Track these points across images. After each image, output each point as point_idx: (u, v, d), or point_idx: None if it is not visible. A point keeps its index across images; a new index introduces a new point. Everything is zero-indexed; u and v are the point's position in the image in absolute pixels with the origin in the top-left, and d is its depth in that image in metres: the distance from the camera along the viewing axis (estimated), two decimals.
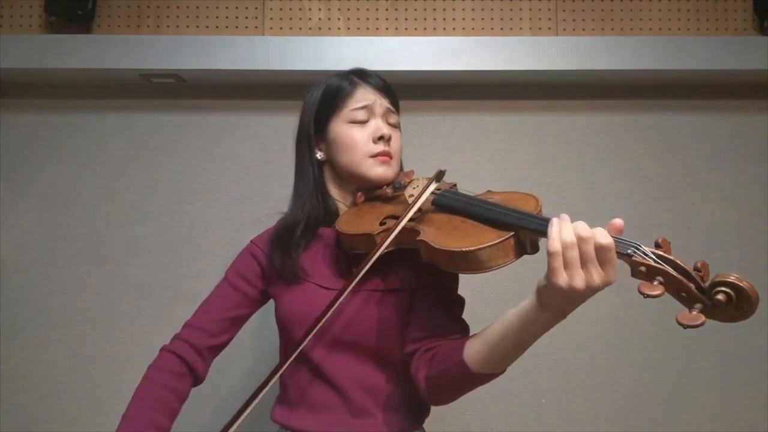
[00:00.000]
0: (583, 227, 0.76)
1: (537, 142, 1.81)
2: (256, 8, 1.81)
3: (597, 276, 0.75)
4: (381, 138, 1.07)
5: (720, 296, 0.69)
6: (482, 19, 1.82)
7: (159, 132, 1.81)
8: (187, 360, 1.09)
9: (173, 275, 1.76)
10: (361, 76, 1.12)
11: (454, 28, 1.82)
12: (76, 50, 1.66)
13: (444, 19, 1.82)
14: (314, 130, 1.13)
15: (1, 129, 1.80)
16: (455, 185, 1.08)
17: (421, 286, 1.03)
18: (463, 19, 1.82)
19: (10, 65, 1.66)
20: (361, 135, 1.08)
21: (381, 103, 1.10)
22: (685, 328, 0.70)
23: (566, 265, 0.75)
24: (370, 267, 0.97)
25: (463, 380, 0.89)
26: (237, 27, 1.81)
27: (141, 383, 1.07)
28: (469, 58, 1.67)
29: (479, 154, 1.79)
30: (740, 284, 0.69)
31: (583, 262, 0.75)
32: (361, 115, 1.08)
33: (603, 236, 0.75)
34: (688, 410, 1.74)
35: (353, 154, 1.08)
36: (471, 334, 0.96)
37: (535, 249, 0.86)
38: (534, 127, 1.81)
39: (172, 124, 1.81)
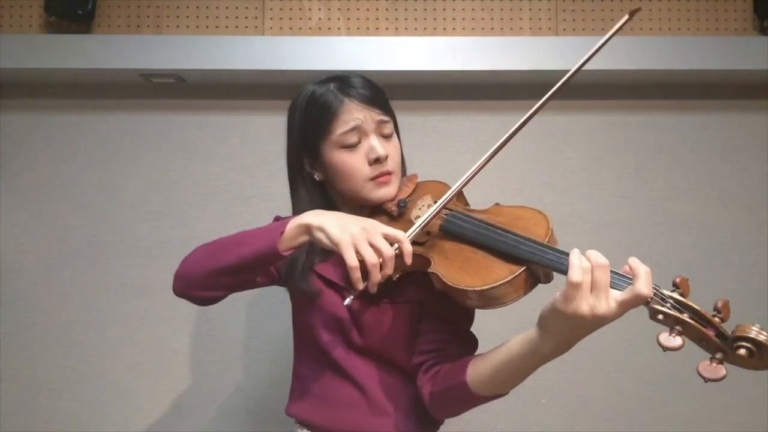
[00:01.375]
0: (598, 255, 0.76)
1: (537, 142, 1.81)
2: (256, 8, 1.81)
3: (605, 305, 0.75)
4: (377, 160, 1.02)
5: (741, 351, 0.69)
6: (482, 19, 1.82)
7: (159, 132, 1.80)
8: None
9: (173, 275, 1.76)
10: (344, 88, 1.03)
11: (454, 28, 1.81)
12: (76, 50, 1.66)
13: (444, 19, 1.82)
14: (306, 152, 1.08)
15: (1, 129, 1.80)
16: (461, 192, 1.06)
17: (431, 297, 1.00)
18: (463, 19, 1.82)
19: (10, 65, 1.65)
20: (355, 160, 1.02)
21: (371, 118, 1.03)
22: (706, 381, 0.70)
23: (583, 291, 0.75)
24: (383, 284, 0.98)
25: (464, 400, 0.91)
26: (237, 27, 1.80)
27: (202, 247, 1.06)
28: (469, 58, 1.67)
29: (479, 154, 1.79)
30: (761, 340, 0.68)
31: (594, 289, 0.75)
32: (352, 137, 1.02)
33: (645, 285, 0.74)
34: (688, 410, 1.74)
35: (351, 182, 1.04)
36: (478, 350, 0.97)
37: (548, 279, 0.86)
38: (534, 127, 1.80)
39: (172, 124, 1.80)
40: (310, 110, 1.05)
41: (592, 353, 1.74)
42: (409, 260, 0.88)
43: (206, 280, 1.03)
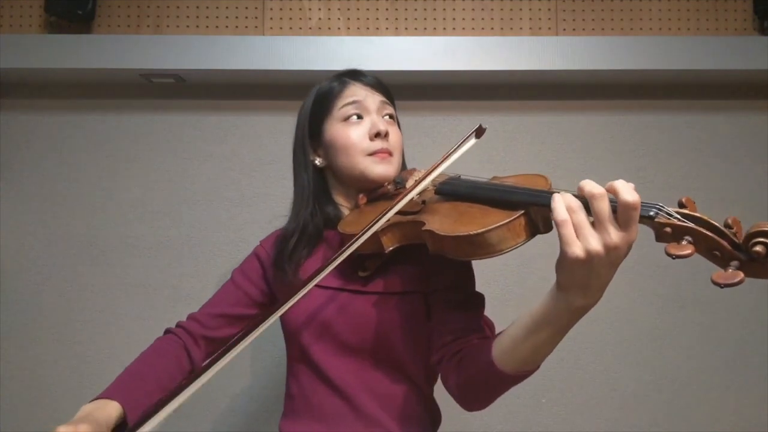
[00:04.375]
0: (593, 185, 0.69)
1: (537, 142, 1.81)
2: (256, 8, 1.81)
3: (614, 234, 0.68)
4: (378, 135, 1.03)
5: (759, 248, 0.61)
6: (482, 19, 1.82)
7: (159, 132, 1.80)
8: (184, 341, 1.09)
9: (173, 275, 1.76)
10: (351, 74, 1.10)
11: (454, 28, 1.82)
12: (76, 50, 1.66)
13: (444, 19, 1.82)
14: (310, 137, 1.10)
15: (1, 129, 1.80)
16: (459, 177, 1.06)
17: (435, 289, 0.98)
18: (463, 19, 1.82)
19: (10, 65, 1.65)
20: (356, 133, 1.04)
21: (373, 98, 1.07)
22: (722, 287, 0.62)
23: (577, 230, 0.68)
24: (377, 269, 0.96)
25: (495, 382, 0.83)
26: (237, 27, 1.80)
27: (147, 350, 1.08)
28: (469, 58, 1.67)
29: (479, 154, 1.79)
30: None
31: (597, 222, 0.68)
32: (353, 110, 1.05)
33: (628, 192, 0.67)
34: (688, 410, 1.74)
35: (350, 154, 1.04)
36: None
37: (548, 228, 0.79)
38: (534, 127, 1.81)
39: (172, 124, 1.81)
40: (317, 98, 1.10)
41: (592, 353, 1.74)
42: None
43: None
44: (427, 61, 1.67)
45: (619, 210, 0.67)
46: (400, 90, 1.16)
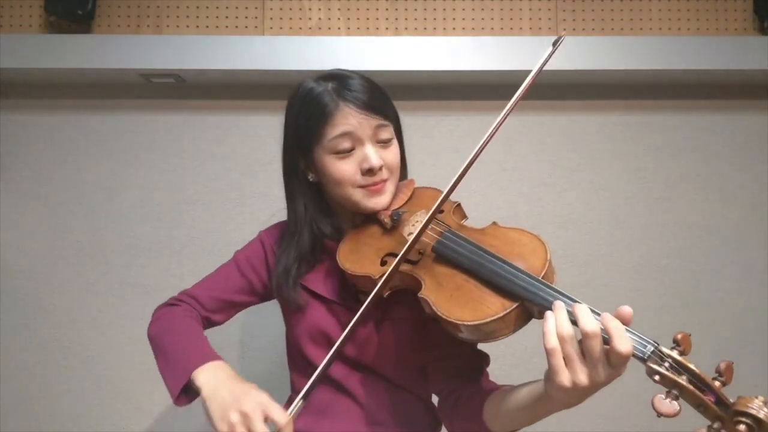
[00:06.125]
0: (588, 320, 0.69)
1: (537, 142, 1.81)
2: (256, 8, 1.81)
3: (603, 372, 0.69)
4: (370, 170, 0.98)
5: (741, 427, 0.65)
6: (482, 19, 1.82)
7: (159, 132, 1.80)
8: (200, 315, 1.09)
9: (173, 275, 1.76)
10: (341, 91, 0.98)
11: (454, 28, 1.81)
12: (76, 50, 1.66)
13: (444, 19, 1.82)
14: (300, 153, 1.05)
15: (1, 129, 1.80)
16: (459, 204, 1.04)
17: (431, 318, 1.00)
18: (463, 19, 1.82)
19: (10, 65, 1.65)
20: (347, 168, 0.98)
21: (366, 124, 0.98)
22: (659, 416, 0.67)
23: (567, 362, 0.69)
24: (378, 297, 0.97)
25: None
26: (237, 27, 1.80)
27: (161, 317, 1.07)
28: (469, 58, 1.67)
29: (479, 154, 1.79)
30: (761, 417, 0.63)
31: (587, 357, 0.69)
32: (344, 143, 0.97)
33: (621, 340, 0.68)
34: (688, 410, 1.74)
35: (342, 187, 1.00)
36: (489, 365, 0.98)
37: (543, 315, 0.80)
38: (534, 127, 1.81)
39: (172, 124, 1.80)
40: (306, 109, 1.01)
41: None
42: None
43: None
44: (427, 61, 1.66)
45: (611, 355, 0.68)
46: (400, 90, 1.15)
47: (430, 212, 0.91)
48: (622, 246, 1.78)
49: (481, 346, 1.00)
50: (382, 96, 1.03)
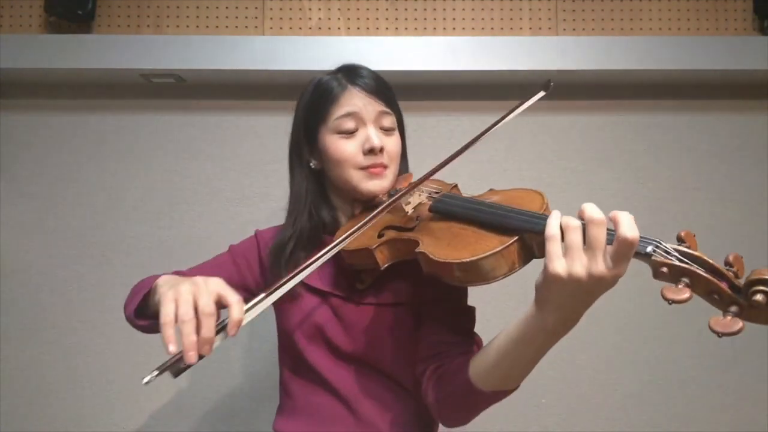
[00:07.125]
0: (594, 209, 0.67)
1: (537, 142, 1.81)
2: (256, 8, 1.81)
3: (602, 265, 0.65)
4: (371, 150, 1.00)
5: (758, 297, 0.60)
6: (482, 19, 1.82)
7: (159, 132, 1.80)
8: None
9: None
10: (350, 76, 1.03)
11: (454, 28, 1.81)
12: (76, 50, 1.66)
13: (444, 19, 1.82)
14: (306, 139, 1.07)
15: (1, 129, 1.80)
16: (456, 186, 1.06)
17: (426, 300, 0.98)
18: (463, 19, 1.82)
19: (10, 65, 1.65)
20: (349, 148, 1.01)
21: (371, 108, 1.01)
22: (720, 336, 0.61)
23: (567, 250, 0.67)
24: (372, 282, 0.96)
25: (472, 400, 0.84)
26: (237, 27, 1.80)
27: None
28: (469, 58, 1.67)
29: (479, 154, 1.79)
30: None
31: (589, 248, 0.66)
32: (348, 123, 1.00)
33: (629, 226, 0.64)
34: (688, 410, 1.74)
35: (343, 168, 1.01)
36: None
37: (543, 252, 0.76)
38: (534, 127, 1.81)
39: (172, 124, 1.81)
40: (314, 97, 1.06)
41: (592, 353, 1.74)
42: (233, 332, 0.74)
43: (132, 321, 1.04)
44: (427, 61, 1.67)
45: (615, 243, 0.65)
46: (400, 90, 1.16)
47: (426, 173, 0.91)
48: None
49: (478, 298, 0.97)
50: (389, 90, 1.07)
